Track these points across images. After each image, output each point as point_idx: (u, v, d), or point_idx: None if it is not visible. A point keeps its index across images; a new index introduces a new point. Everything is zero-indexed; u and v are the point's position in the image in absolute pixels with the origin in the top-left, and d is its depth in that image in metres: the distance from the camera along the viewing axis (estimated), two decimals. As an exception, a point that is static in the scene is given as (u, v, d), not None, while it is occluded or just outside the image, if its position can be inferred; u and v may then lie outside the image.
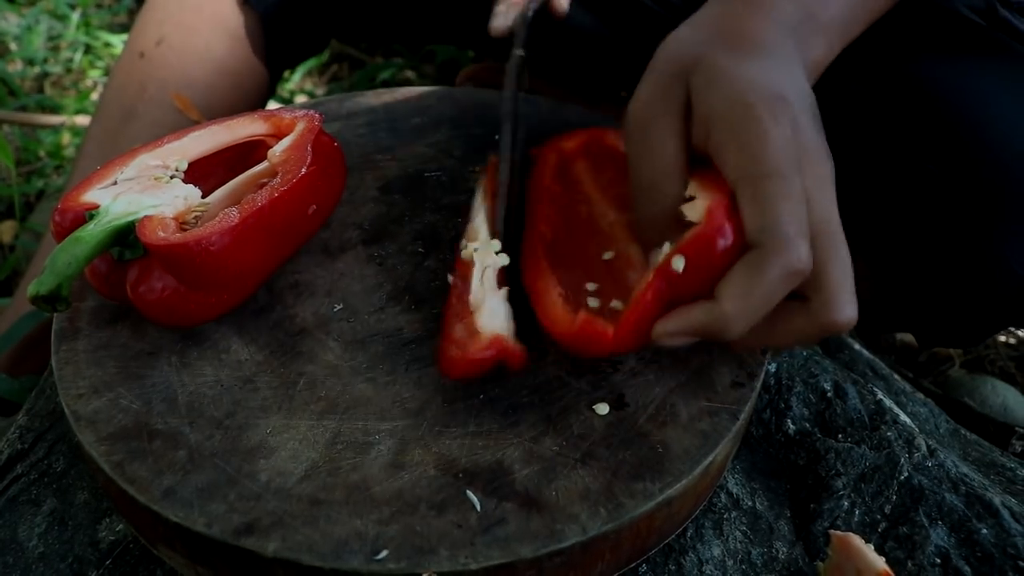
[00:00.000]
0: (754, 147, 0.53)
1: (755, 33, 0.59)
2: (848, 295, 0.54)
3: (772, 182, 0.52)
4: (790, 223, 0.52)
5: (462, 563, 0.50)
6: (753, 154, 0.53)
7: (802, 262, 0.52)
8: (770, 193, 0.52)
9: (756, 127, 0.53)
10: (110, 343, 0.63)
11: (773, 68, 0.57)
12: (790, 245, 0.51)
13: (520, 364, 0.58)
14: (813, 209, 0.53)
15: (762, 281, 0.52)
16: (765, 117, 0.53)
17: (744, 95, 0.54)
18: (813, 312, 0.54)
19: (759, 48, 0.58)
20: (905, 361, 1.21)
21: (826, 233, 0.54)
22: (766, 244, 0.52)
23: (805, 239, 0.52)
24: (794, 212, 0.52)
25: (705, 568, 0.60)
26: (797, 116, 0.55)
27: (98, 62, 1.75)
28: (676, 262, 0.54)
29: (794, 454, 0.68)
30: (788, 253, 0.51)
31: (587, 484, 0.54)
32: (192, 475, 0.55)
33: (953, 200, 0.74)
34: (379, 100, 0.86)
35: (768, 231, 0.52)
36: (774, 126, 0.53)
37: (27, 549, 0.61)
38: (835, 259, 0.54)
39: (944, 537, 0.62)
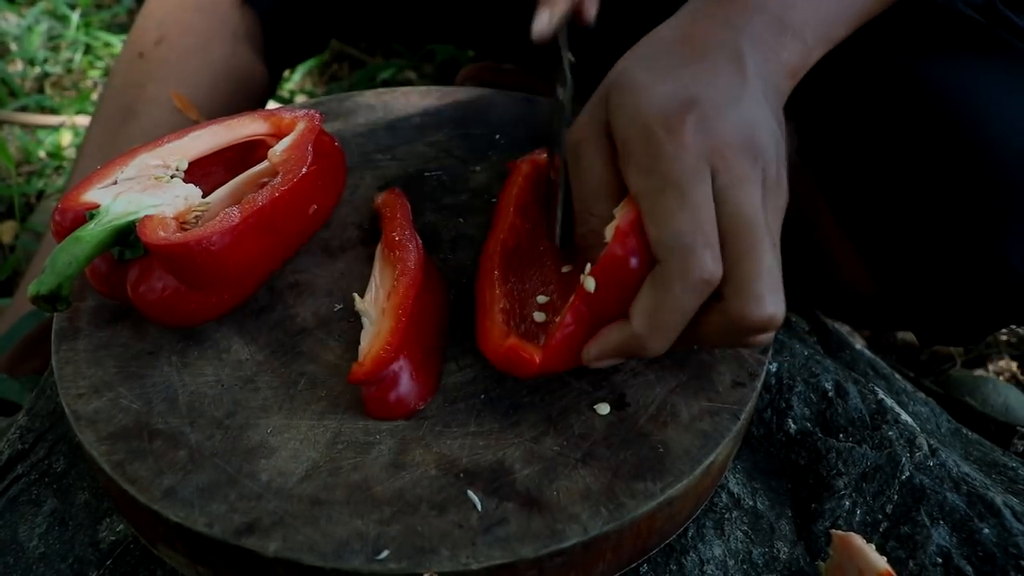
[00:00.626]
0: (647, 162, 0.54)
1: (698, 40, 0.59)
2: (766, 290, 0.52)
3: (666, 195, 0.52)
4: (687, 234, 0.51)
5: (463, 563, 0.50)
6: (647, 168, 0.54)
7: (706, 271, 0.51)
8: (666, 207, 0.52)
9: (649, 141, 0.54)
10: (110, 343, 0.62)
11: (695, 74, 0.57)
12: (690, 256, 0.51)
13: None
14: (724, 209, 0.53)
15: (668, 296, 0.52)
16: (658, 130, 0.54)
17: (640, 110, 0.55)
18: (728, 310, 0.53)
19: (696, 55, 0.58)
20: (906, 360, 1.21)
21: (739, 231, 0.53)
22: (666, 258, 0.52)
23: (708, 246, 0.52)
24: (692, 221, 0.52)
25: (706, 568, 0.60)
26: (705, 118, 0.54)
27: (98, 62, 1.75)
28: (587, 283, 0.54)
29: (795, 454, 0.68)
30: (689, 263, 0.51)
31: (588, 484, 0.54)
32: (193, 475, 0.54)
33: (954, 198, 0.74)
34: (379, 99, 0.86)
35: (666, 245, 0.52)
36: (668, 138, 0.53)
37: (28, 549, 0.61)
38: (749, 256, 0.52)
39: (946, 537, 0.62)
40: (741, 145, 0.54)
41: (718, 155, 0.54)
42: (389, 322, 0.59)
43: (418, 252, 0.64)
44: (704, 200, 0.53)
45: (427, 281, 0.64)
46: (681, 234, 0.52)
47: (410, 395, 0.58)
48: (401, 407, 0.58)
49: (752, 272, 0.52)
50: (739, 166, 0.54)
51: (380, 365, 0.57)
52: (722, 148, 0.54)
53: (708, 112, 0.55)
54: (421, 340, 0.60)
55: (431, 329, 0.62)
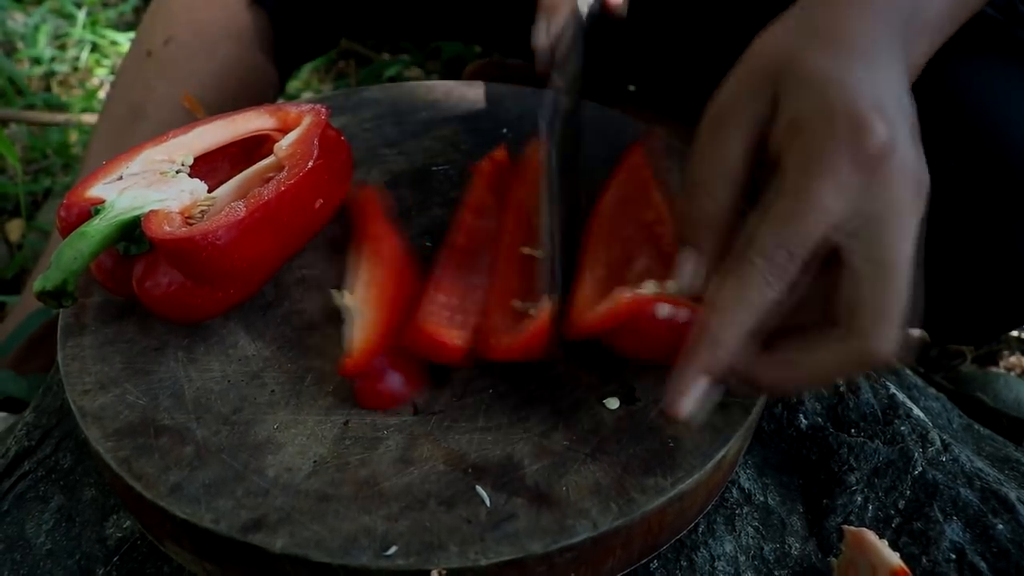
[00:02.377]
0: (822, 148, 0.50)
1: (856, 33, 0.54)
2: (894, 331, 0.49)
3: (817, 193, 0.49)
4: (800, 235, 0.49)
5: (472, 559, 0.50)
6: (818, 155, 0.50)
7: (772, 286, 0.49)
8: (811, 199, 0.49)
9: (836, 139, 0.50)
10: (116, 339, 0.62)
11: (872, 73, 0.53)
12: (774, 251, 0.49)
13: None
14: (874, 240, 0.50)
15: (751, 271, 0.50)
16: (847, 131, 0.50)
17: (835, 103, 0.51)
18: (850, 344, 0.50)
19: (859, 50, 0.53)
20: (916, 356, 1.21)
21: (884, 266, 0.49)
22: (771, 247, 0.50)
23: (801, 250, 0.49)
24: (814, 223, 0.49)
25: (717, 564, 0.59)
26: (891, 130, 0.50)
27: (104, 60, 1.75)
28: (660, 310, 0.54)
29: (806, 449, 0.67)
30: (765, 253, 0.49)
31: (598, 479, 0.54)
32: (199, 471, 0.54)
33: (971, 196, 0.73)
34: (385, 94, 0.85)
35: (775, 234, 0.50)
36: (854, 142, 0.49)
37: (35, 546, 0.61)
38: (888, 294, 0.49)
39: (959, 533, 0.61)
40: (913, 175, 0.51)
41: (888, 180, 0.50)
42: (374, 313, 0.59)
43: (395, 242, 0.64)
44: (827, 218, 0.49)
45: (406, 270, 0.63)
46: (783, 238, 0.49)
47: (399, 384, 0.58)
48: (391, 396, 0.58)
49: (889, 308, 0.49)
50: (904, 195, 0.50)
51: (369, 356, 0.57)
52: (898, 173, 0.50)
53: (894, 124, 0.51)
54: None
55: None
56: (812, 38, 0.54)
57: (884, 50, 0.54)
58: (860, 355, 0.49)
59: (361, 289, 0.62)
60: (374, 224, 0.67)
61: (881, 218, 0.50)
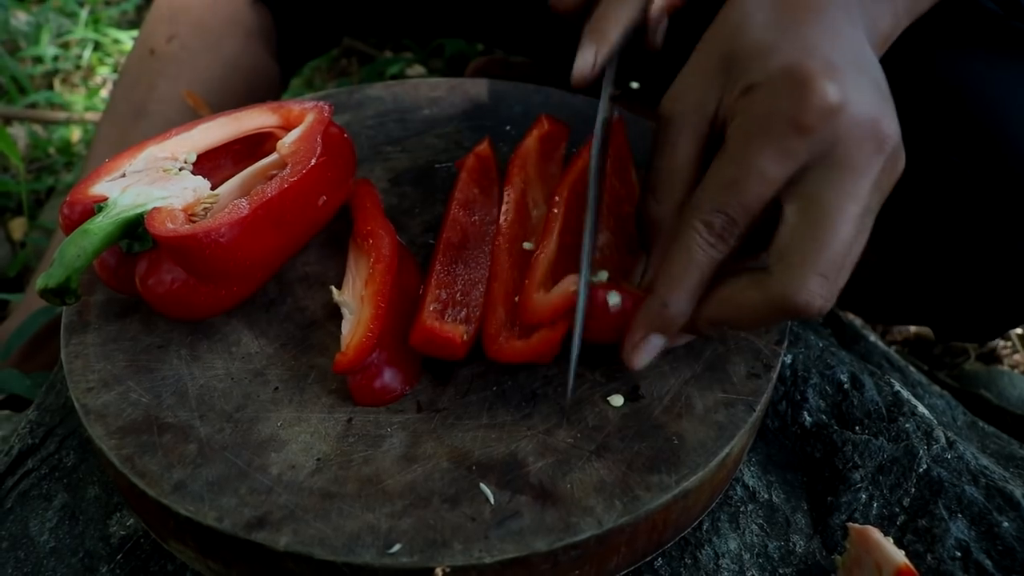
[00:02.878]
0: (766, 110, 0.51)
1: (808, 1, 0.55)
2: (817, 279, 0.50)
3: (759, 147, 0.51)
4: (746, 192, 0.51)
5: (476, 557, 0.50)
6: (765, 118, 0.51)
7: (715, 227, 0.52)
8: (755, 155, 0.51)
9: (779, 102, 0.51)
10: (119, 336, 0.62)
11: (823, 35, 0.53)
12: (714, 217, 0.51)
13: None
14: (816, 190, 0.50)
15: (687, 241, 0.52)
16: (796, 92, 0.50)
17: (781, 65, 0.51)
18: (769, 286, 0.51)
19: (811, 14, 0.54)
20: (919, 353, 1.20)
21: (818, 215, 0.50)
22: (710, 198, 0.52)
23: (742, 215, 0.51)
24: (759, 183, 0.51)
25: (721, 562, 0.59)
26: (843, 87, 0.51)
27: (107, 59, 1.75)
28: (611, 297, 0.56)
29: (811, 446, 0.67)
30: (706, 219, 0.52)
31: (602, 477, 0.54)
32: (202, 469, 0.54)
33: (974, 191, 0.73)
34: (388, 92, 0.85)
35: (725, 184, 0.51)
36: (805, 102, 0.50)
37: (38, 544, 0.61)
38: (815, 241, 0.50)
39: (964, 530, 0.61)
40: (870, 131, 0.51)
41: (835, 138, 0.50)
42: (369, 310, 0.59)
43: (391, 239, 0.64)
44: (768, 185, 0.51)
45: (402, 267, 0.64)
46: (722, 204, 0.51)
47: (395, 380, 0.59)
48: (387, 393, 0.58)
49: (811, 259, 0.50)
50: (852, 153, 0.51)
51: (363, 353, 0.57)
52: (845, 130, 0.50)
53: (847, 82, 0.51)
54: (402, 325, 0.61)
55: (410, 314, 0.62)
56: (762, 7, 0.55)
57: (839, 14, 0.54)
58: (781, 301, 0.50)
59: (357, 286, 0.63)
60: (370, 221, 0.67)
61: (821, 174, 0.50)
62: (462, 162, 0.73)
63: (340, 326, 0.63)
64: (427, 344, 0.59)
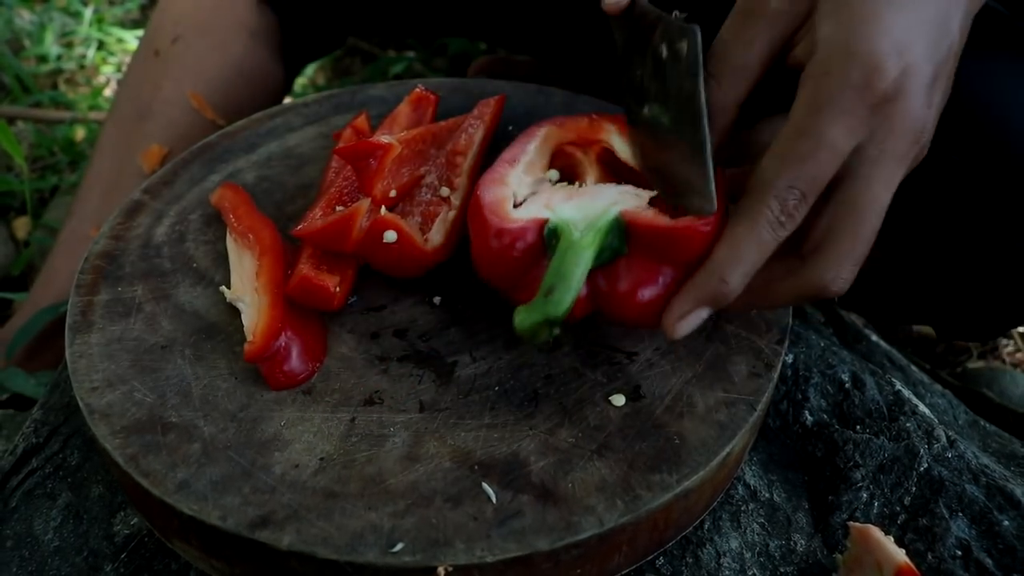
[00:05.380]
0: (830, 87, 0.51)
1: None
2: (847, 270, 0.52)
3: (813, 136, 0.51)
4: (798, 179, 0.51)
5: (478, 556, 0.50)
6: (828, 94, 0.51)
7: (785, 212, 0.52)
8: (805, 142, 0.51)
9: (850, 79, 0.51)
10: (124, 337, 0.62)
11: (904, 13, 0.52)
12: (775, 200, 0.51)
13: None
14: (854, 182, 0.52)
15: (752, 223, 0.52)
16: (861, 71, 0.51)
17: (857, 42, 0.51)
18: (802, 274, 0.53)
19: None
20: (922, 352, 1.20)
21: (854, 206, 0.52)
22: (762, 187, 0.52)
23: (803, 200, 0.51)
24: (814, 167, 0.51)
25: (723, 561, 0.59)
26: (907, 78, 0.51)
27: (111, 58, 1.75)
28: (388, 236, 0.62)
29: (812, 445, 0.67)
30: (772, 205, 0.51)
31: (604, 476, 0.54)
32: (206, 468, 0.54)
33: (975, 189, 0.73)
34: (391, 91, 0.85)
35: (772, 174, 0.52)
36: (866, 84, 0.51)
37: (43, 543, 0.61)
38: (850, 234, 0.52)
39: (965, 529, 0.61)
40: (913, 125, 0.52)
41: (890, 125, 0.51)
42: (266, 298, 0.61)
43: (271, 231, 0.66)
44: (837, 158, 0.51)
45: (286, 256, 0.65)
46: (794, 179, 0.51)
47: (304, 361, 0.60)
48: (298, 374, 0.60)
49: (850, 251, 0.52)
50: (899, 145, 0.52)
51: (270, 338, 0.59)
52: (898, 120, 0.52)
53: (911, 70, 0.51)
54: (297, 307, 0.62)
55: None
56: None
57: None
58: (816, 290, 0.53)
59: (249, 279, 0.64)
60: (246, 218, 0.68)
61: (872, 162, 0.52)
62: (340, 133, 0.76)
63: (343, 326, 0.63)
64: (304, 294, 0.61)
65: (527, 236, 0.55)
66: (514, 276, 0.57)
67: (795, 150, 0.51)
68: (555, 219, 0.56)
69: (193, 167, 0.77)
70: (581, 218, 0.56)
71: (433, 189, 0.68)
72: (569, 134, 0.66)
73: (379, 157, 0.64)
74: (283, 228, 0.68)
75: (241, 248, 0.67)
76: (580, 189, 0.59)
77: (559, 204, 0.57)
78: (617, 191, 0.58)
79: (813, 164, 0.51)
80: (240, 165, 0.78)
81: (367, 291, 0.66)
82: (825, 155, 0.51)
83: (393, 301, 0.65)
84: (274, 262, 0.63)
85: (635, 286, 0.55)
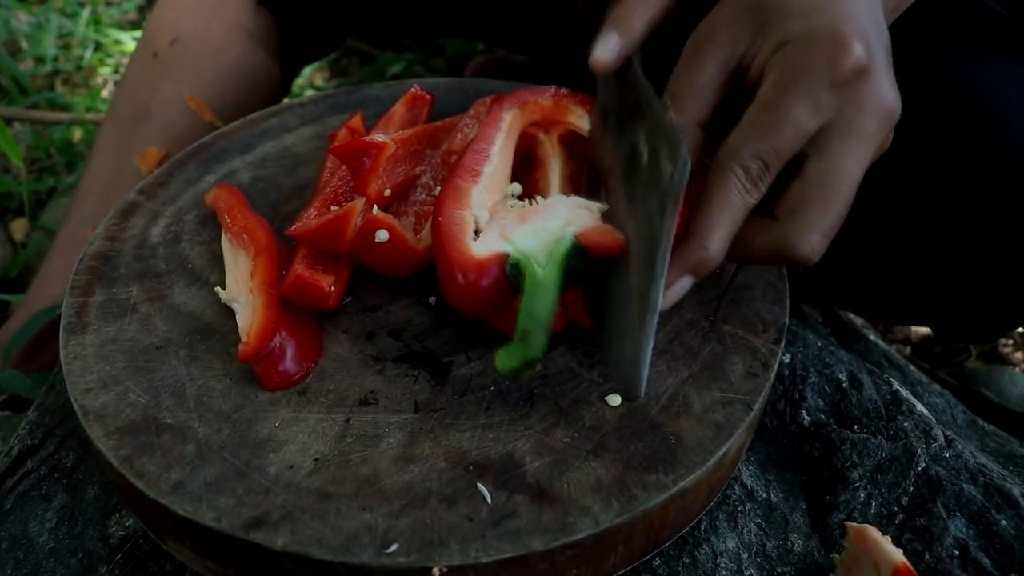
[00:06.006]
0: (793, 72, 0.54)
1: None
2: (817, 237, 0.54)
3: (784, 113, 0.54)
4: (768, 153, 0.54)
5: (473, 556, 0.50)
6: (790, 80, 0.54)
7: (750, 177, 0.54)
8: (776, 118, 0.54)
9: (816, 57, 0.54)
10: (118, 337, 0.62)
11: (855, 3, 0.56)
12: (751, 162, 0.54)
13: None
14: (826, 154, 0.54)
15: (726, 185, 0.54)
16: (847, 42, 0.54)
17: (819, 25, 0.55)
18: (775, 233, 0.55)
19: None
20: (920, 352, 1.20)
21: (826, 178, 0.54)
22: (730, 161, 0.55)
23: (765, 173, 0.54)
24: (780, 143, 0.54)
25: (720, 561, 0.59)
26: (870, 57, 0.55)
27: (108, 59, 1.75)
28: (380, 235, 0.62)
29: (809, 445, 0.67)
30: (744, 164, 0.54)
31: (599, 476, 0.54)
32: (201, 469, 0.54)
33: (975, 191, 0.73)
34: (388, 92, 0.85)
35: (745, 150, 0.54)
36: (832, 67, 0.53)
37: (37, 544, 0.61)
38: (822, 203, 0.54)
39: (962, 529, 0.61)
40: (882, 103, 0.55)
41: (858, 103, 0.54)
42: (261, 298, 0.61)
43: (266, 231, 0.66)
44: (800, 134, 0.54)
45: (281, 256, 0.65)
46: (757, 150, 0.54)
47: (299, 361, 0.60)
48: (292, 374, 0.60)
49: (819, 219, 0.54)
50: (868, 123, 0.55)
51: (265, 339, 0.59)
52: (867, 96, 0.55)
53: (873, 51, 0.55)
54: (291, 308, 0.62)
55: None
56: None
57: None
58: (784, 249, 0.55)
59: (244, 280, 0.64)
60: (241, 219, 0.68)
61: (842, 136, 0.55)
62: (334, 134, 0.76)
63: (338, 327, 0.63)
64: (298, 294, 0.61)
65: (491, 271, 0.56)
66: (483, 308, 0.58)
67: (758, 124, 0.54)
68: (515, 253, 0.57)
69: (189, 168, 0.77)
70: (539, 247, 0.57)
71: (428, 189, 0.68)
72: (534, 115, 0.68)
73: (373, 156, 0.64)
74: (279, 229, 0.68)
75: (236, 249, 0.67)
76: (533, 208, 0.60)
77: (515, 231, 0.58)
78: (567, 208, 0.59)
79: (776, 138, 0.54)
80: (236, 166, 0.78)
81: (362, 291, 0.66)
82: (788, 131, 0.54)
83: (388, 301, 0.65)
84: (269, 263, 0.63)
85: None
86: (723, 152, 0.55)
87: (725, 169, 0.55)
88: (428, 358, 0.61)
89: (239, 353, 0.59)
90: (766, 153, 0.54)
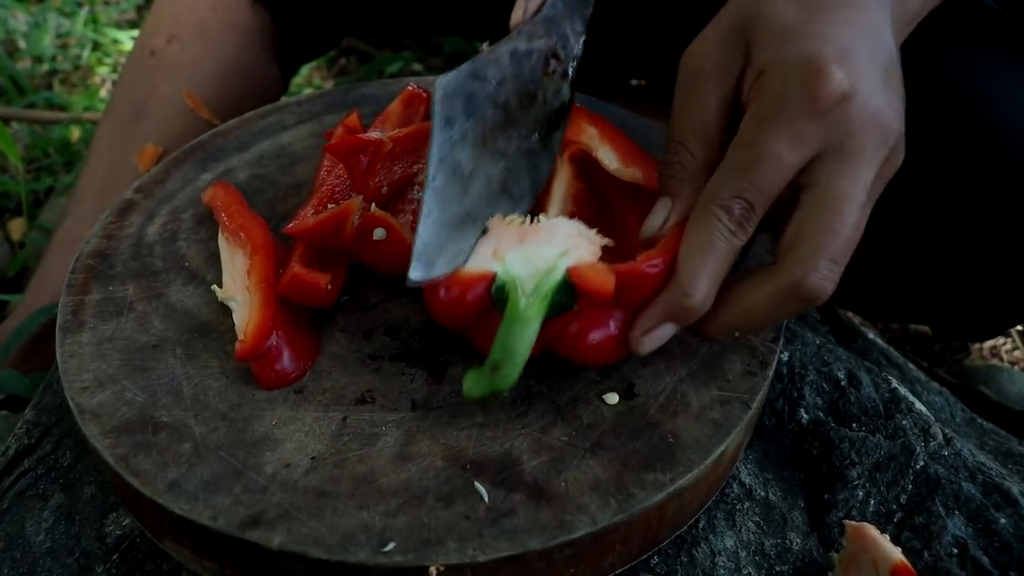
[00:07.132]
0: (775, 105, 0.52)
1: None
2: (828, 265, 0.51)
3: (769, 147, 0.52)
4: (749, 190, 0.52)
5: (470, 555, 0.50)
6: (771, 111, 0.52)
7: (734, 219, 0.52)
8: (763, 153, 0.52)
9: (791, 89, 0.51)
10: (115, 336, 0.62)
11: (840, 21, 0.53)
12: (733, 203, 0.52)
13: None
14: (821, 181, 0.52)
15: (709, 231, 0.52)
16: (806, 79, 0.51)
17: (795, 52, 0.52)
18: (781, 276, 0.52)
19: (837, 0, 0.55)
20: (919, 350, 1.20)
21: (825, 205, 0.51)
22: (717, 197, 0.52)
23: (760, 201, 0.52)
24: (764, 181, 0.51)
25: (718, 560, 0.59)
26: (854, 78, 0.52)
27: (106, 59, 1.75)
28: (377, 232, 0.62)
29: (808, 443, 0.67)
30: (725, 205, 0.52)
31: (597, 475, 0.53)
32: (197, 468, 0.54)
33: (975, 190, 0.73)
34: (385, 90, 0.85)
35: (729, 188, 0.52)
36: (813, 91, 0.51)
37: (34, 544, 0.61)
38: (825, 230, 0.51)
39: (961, 527, 0.61)
40: (875, 123, 0.52)
41: (846, 128, 0.52)
42: (258, 296, 0.61)
43: (263, 230, 0.66)
44: (783, 168, 0.52)
45: (278, 254, 0.65)
46: (737, 189, 0.52)
47: (295, 360, 0.60)
48: (289, 373, 0.59)
49: (822, 245, 0.51)
50: (861, 145, 0.52)
51: (262, 337, 0.59)
52: (854, 120, 0.52)
53: (858, 72, 0.52)
54: (288, 307, 0.62)
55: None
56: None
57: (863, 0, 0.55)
58: (793, 288, 0.51)
59: (241, 278, 0.64)
60: (237, 217, 0.68)
61: (833, 162, 0.52)
62: (330, 132, 0.76)
63: (335, 325, 0.63)
64: (295, 292, 0.61)
65: (476, 289, 0.54)
66: (464, 324, 0.56)
67: (738, 162, 0.52)
68: (503, 275, 0.54)
69: (185, 166, 0.77)
70: (529, 274, 0.54)
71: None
72: None
73: (370, 154, 0.64)
74: (275, 227, 0.68)
75: (233, 247, 0.67)
76: (533, 227, 0.56)
77: (508, 251, 0.55)
78: (568, 235, 0.56)
79: (757, 176, 0.51)
80: (232, 164, 0.77)
81: (359, 290, 0.66)
82: (768, 167, 0.51)
83: (386, 300, 0.65)
84: (266, 261, 0.63)
85: (585, 330, 0.55)
86: (704, 194, 0.53)
87: (706, 211, 0.52)
88: (425, 356, 0.61)
89: (236, 351, 0.59)
90: (748, 192, 0.52)
